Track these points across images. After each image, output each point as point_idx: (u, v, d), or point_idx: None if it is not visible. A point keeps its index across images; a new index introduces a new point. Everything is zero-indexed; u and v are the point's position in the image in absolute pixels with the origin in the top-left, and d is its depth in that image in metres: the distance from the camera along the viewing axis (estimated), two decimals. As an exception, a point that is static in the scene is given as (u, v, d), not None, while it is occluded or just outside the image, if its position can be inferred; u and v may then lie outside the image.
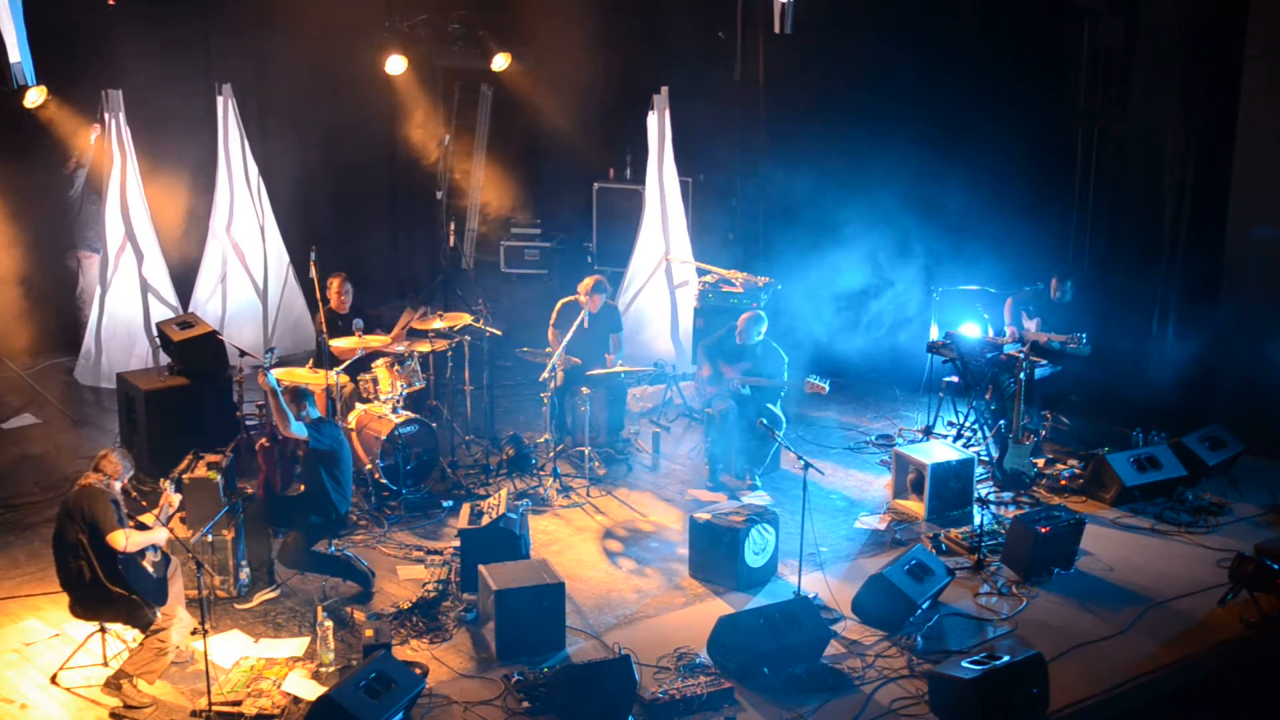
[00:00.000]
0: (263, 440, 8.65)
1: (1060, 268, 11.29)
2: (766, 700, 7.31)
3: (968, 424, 10.90)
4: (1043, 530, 8.66)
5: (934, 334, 11.20)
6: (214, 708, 6.99)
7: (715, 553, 8.63)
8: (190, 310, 11.94)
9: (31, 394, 11.32)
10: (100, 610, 7.34)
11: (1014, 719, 7.17)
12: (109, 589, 7.18)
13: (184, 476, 8.27)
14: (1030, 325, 10.93)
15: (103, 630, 7.44)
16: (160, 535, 7.44)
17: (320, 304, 9.97)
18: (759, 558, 8.64)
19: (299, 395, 8.26)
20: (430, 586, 8.33)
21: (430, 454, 9.92)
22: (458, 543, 8.53)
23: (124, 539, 7.13)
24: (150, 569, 7.30)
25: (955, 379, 10.89)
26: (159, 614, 7.29)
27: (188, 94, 12.69)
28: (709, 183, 14.69)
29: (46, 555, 8.45)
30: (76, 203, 12.09)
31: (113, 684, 7.15)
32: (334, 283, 10.54)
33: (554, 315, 10.76)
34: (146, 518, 7.54)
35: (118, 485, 7.38)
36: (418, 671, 7.30)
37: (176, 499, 7.79)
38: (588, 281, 10.59)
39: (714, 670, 7.51)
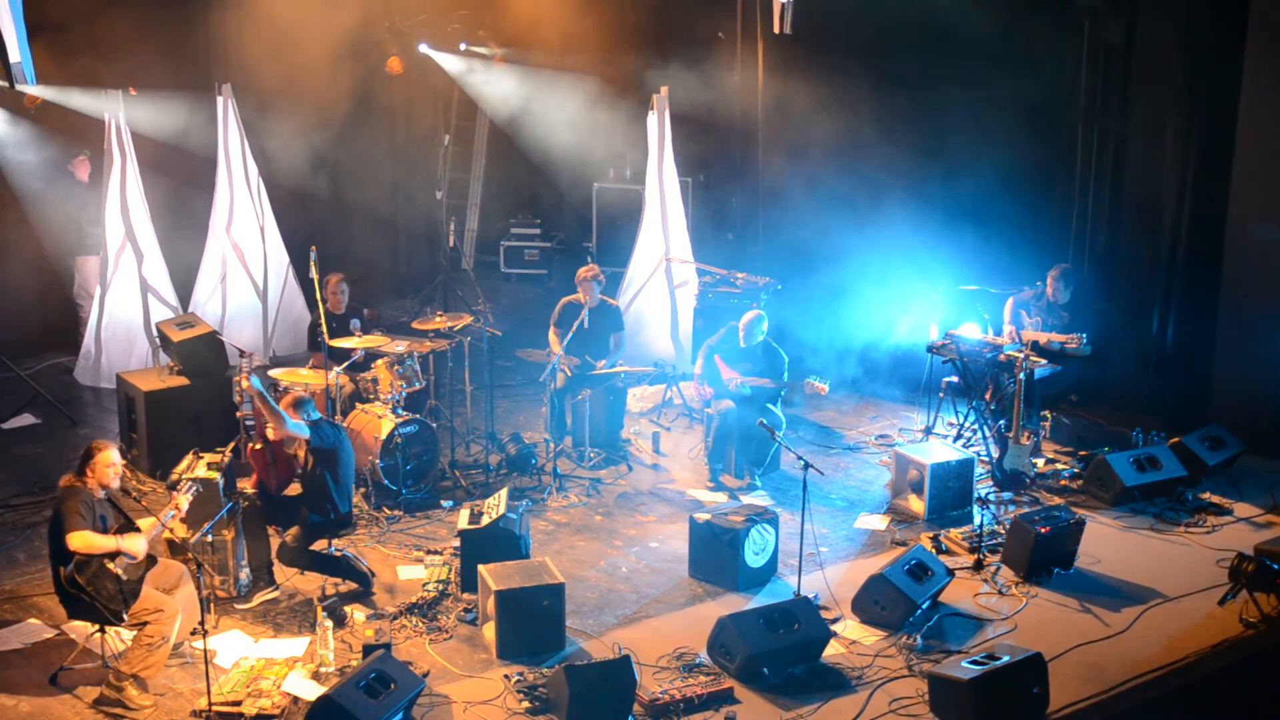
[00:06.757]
0: (253, 444, 8.63)
1: (1060, 266, 11.25)
2: (766, 700, 7.31)
3: (968, 424, 10.90)
4: (1043, 530, 8.65)
5: (934, 334, 11.19)
6: (214, 708, 6.99)
7: (715, 553, 8.63)
8: (190, 310, 11.93)
9: (31, 394, 11.31)
10: (73, 610, 7.24)
11: (1014, 719, 7.18)
12: (64, 588, 7.10)
13: (185, 477, 8.25)
14: (1030, 325, 10.92)
15: (103, 630, 7.41)
16: (135, 545, 7.17)
17: (320, 303, 9.96)
18: (759, 558, 8.64)
19: (298, 403, 8.23)
20: (430, 586, 8.33)
21: (430, 454, 9.92)
22: (458, 543, 8.53)
23: (78, 540, 6.98)
24: (120, 571, 7.08)
25: (955, 379, 10.88)
26: (125, 616, 7.12)
27: (187, 94, 12.69)
28: (709, 183, 14.70)
29: (46, 555, 8.48)
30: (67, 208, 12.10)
31: (112, 685, 7.11)
32: (330, 281, 10.53)
33: (555, 314, 10.76)
34: (145, 521, 7.44)
35: (114, 478, 7.24)
36: (417, 672, 7.30)
37: (185, 502, 7.55)
38: (584, 271, 10.59)
39: (714, 670, 7.51)
